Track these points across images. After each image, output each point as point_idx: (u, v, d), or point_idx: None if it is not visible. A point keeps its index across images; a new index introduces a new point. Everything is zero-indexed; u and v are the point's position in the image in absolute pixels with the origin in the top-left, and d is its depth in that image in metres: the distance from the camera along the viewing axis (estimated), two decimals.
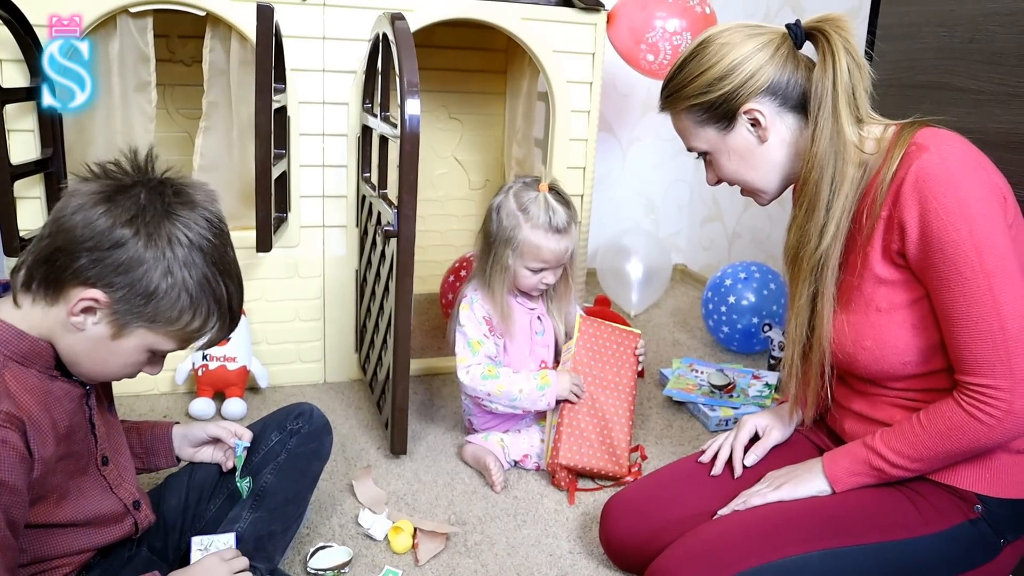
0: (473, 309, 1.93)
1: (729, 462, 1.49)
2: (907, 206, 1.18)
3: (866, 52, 1.71)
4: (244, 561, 1.27)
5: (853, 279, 1.28)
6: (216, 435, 1.42)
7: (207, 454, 1.44)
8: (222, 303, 1.13)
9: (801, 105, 1.30)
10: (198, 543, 1.30)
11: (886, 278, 1.25)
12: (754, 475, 1.44)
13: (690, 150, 1.42)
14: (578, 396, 1.86)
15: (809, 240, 1.28)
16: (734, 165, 1.37)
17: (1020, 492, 1.26)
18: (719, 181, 1.43)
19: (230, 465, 1.42)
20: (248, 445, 1.43)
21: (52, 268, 1.05)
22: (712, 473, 1.48)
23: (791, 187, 1.38)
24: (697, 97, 1.33)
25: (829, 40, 1.25)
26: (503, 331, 1.94)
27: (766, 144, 1.33)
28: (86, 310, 1.06)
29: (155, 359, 1.17)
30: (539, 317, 2.01)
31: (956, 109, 1.46)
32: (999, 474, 1.25)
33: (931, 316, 1.22)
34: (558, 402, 1.87)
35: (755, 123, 1.32)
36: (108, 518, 1.20)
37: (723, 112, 1.32)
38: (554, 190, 1.87)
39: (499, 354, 1.95)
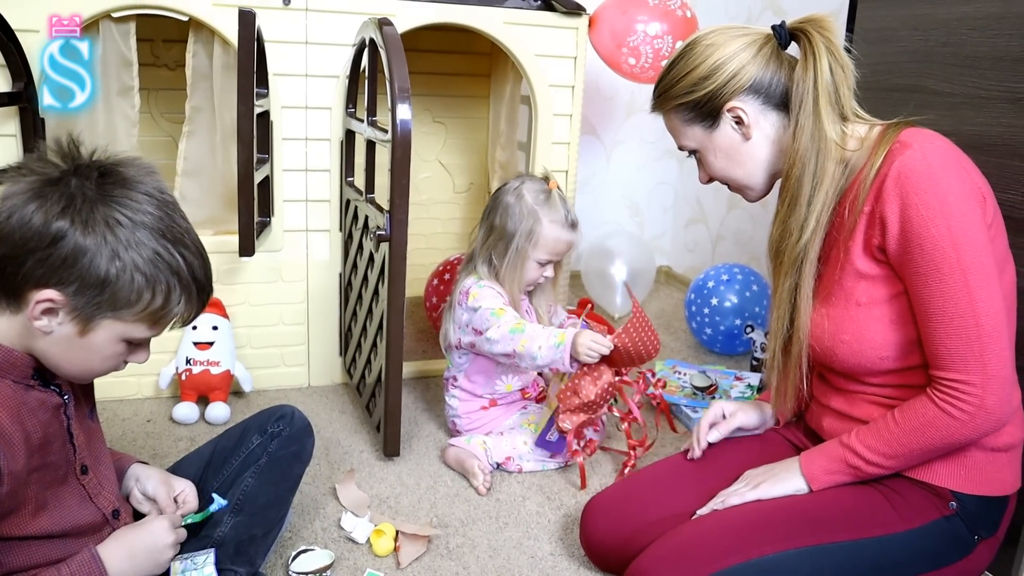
0: (484, 291, 1.91)
1: (714, 460, 1.50)
2: (888, 201, 1.20)
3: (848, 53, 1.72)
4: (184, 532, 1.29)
5: (834, 273, 1.31)
6: (159, 501, 1.31)
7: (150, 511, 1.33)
8: (182, 274, 1.10)
9: (785, 104, 1.33)
10: (177, 566, 1.28)
11: (866, 273, 1.27)
12: (732, 474, 1.45)
13: (680, 148, 1.45)
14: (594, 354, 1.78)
15: (791, 234, 1.31)
16: (721, 163, 1.40)
17: (994, 489, 1.28)
18: (711, 179, 1.46)
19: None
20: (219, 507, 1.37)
21: (3, 277, 1.04)
22: (689, 456, 1.52)
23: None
24: (683, 97, 1.36)
25: (811, 40, 1.28)
26: None
27: (750, 142, 1.36)
28: (46, 312, 1.05)
29: (136, 348, 1.15)
30: (527, 309, 2.06)
31: (931, 111, 1.47)
32: (974, 472, 1.27)
33: (909, 312, 1.24)
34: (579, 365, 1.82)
35: (739, 121, 1.35)
36: (85, 528, 1.18)
37: (708, 111, 1.35)
38: (558, 187, 1.95)
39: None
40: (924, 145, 1.20)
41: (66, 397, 1.16)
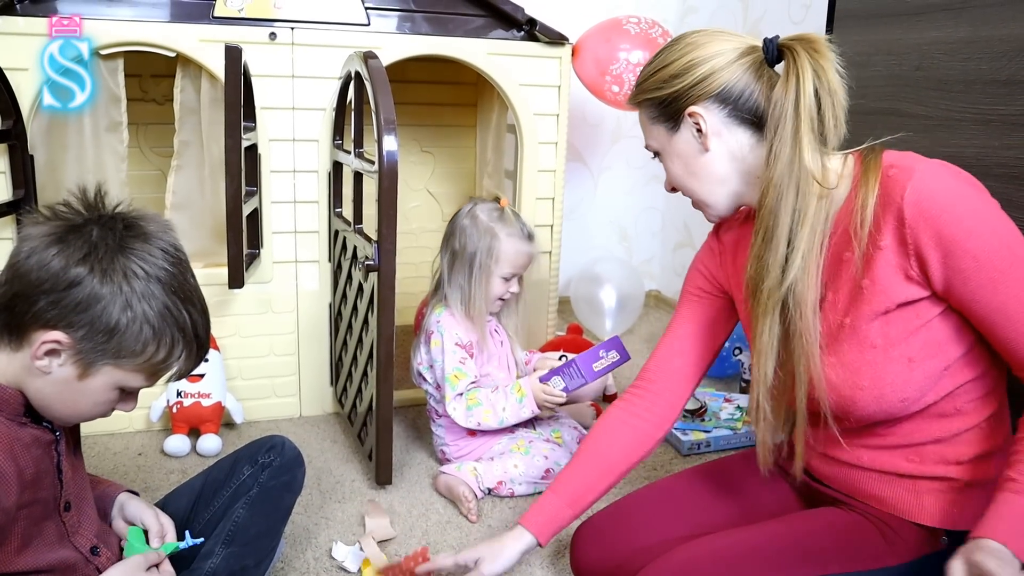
0: (444, 340, 1.98)
1: (707, 485, 1.50)
2: (920, 231, 1.12)
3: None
4: (154, 556, 1.25)
5: (840, 317, 1.22)
6: (150, 529, 1.32)
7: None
8: (186, 331, 1.13)
9: (757, 122, 1.24)
10: None
11: (883, 310, 1.19)
12: (725, 498, 1.44)
13: (647, 147, 1.37)
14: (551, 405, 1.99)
15: (769, 273, 1.20)
16: (678, 170, 1.32)
17: None
18: (674, 189, 1.37)
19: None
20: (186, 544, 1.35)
21: (12, 314, 1.06)
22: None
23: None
24: (652, 92, 1.29)
25: (795, 58, 1.16)
26: (481, 347, 2.02)
27: (709, 154, 1.27)
28: (50, 352, 1.06)
29: (127, 396, 1.16)
30: (496, 329, 2.11)
31: (905, 134, 1.50)
32: (967, 509, 1.22)
33: (926, 347, 1.18)
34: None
35: (699, 129, 1.26)
36: (64, 566, 1.18)
37: (671, 111, 1.27)
38: (509, 205, 2.04)
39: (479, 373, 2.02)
40: (925, 166, 1.15)
41: (57, 434, 1.17)
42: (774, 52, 1.22)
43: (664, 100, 1.27)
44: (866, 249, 1.17)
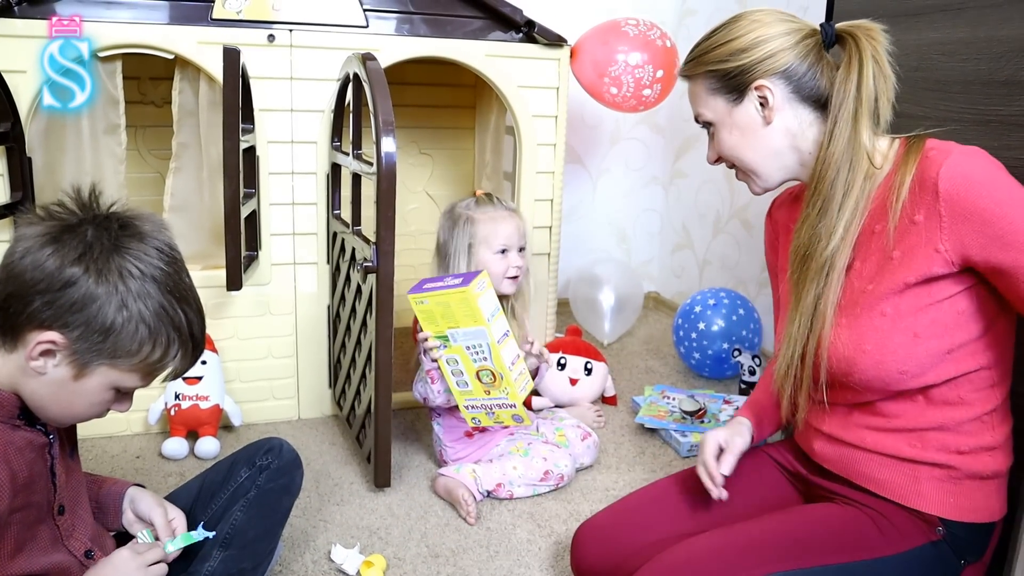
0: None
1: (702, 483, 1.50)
2: (956, 204, 1.17)
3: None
4: (158, 552, 1.24)
5: (862, 284, 1.28)
6: (156, 524, 1.31)
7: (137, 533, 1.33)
8: (182, 330, 1.13)
9: (814, 101, 1.32)
10: None
11: (905, 283, 1.23)
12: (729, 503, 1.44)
13: (697, 119, 1.44)
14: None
15: (820, 239, 1.29)
16: (734, 140, 1.38)
17: (981, 516, 1.27)
18: (718, 160, 1.44)
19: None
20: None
21: (6, 315, 1.06)
22: (718, 497, 1.41)
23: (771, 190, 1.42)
24: (716, 64, 1.35)
25: (857, 44, 1.26)
26: None
27: (769, 127, 1.34)
28: (45, 353, 1.06)
29: (122, 397, 1.16)
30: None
31: (905, 135, 1.50)
32: (963, 499, 1.26)
33: (933, 326, 1.22)
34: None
35: (763, 102, 1.33)
36: (63, 570, 1.17)
37: (736, 84, 1.34)
38: (486, 193, 2.08)
39: None
40: (961, 149, 1.20)
41: (51, 437, 1.17)
42: (832, 36, 1.32)
43: (729, 72, 1.34)
44: (900, 223, 1.24)
